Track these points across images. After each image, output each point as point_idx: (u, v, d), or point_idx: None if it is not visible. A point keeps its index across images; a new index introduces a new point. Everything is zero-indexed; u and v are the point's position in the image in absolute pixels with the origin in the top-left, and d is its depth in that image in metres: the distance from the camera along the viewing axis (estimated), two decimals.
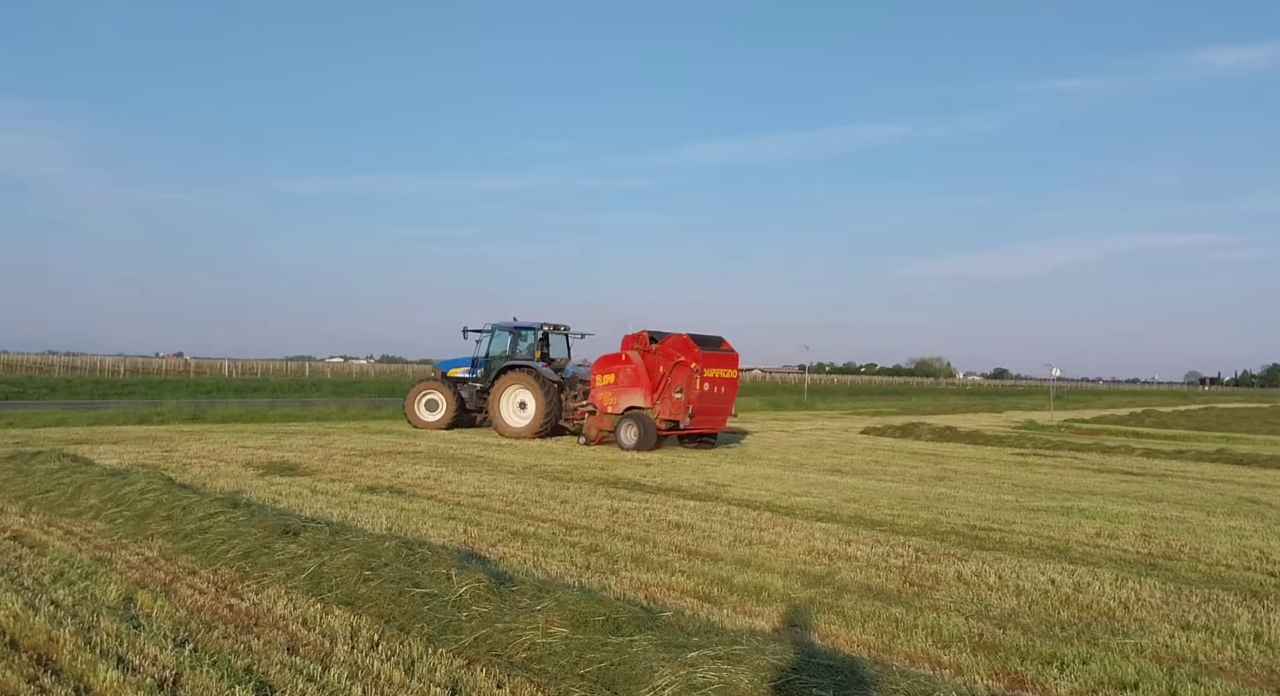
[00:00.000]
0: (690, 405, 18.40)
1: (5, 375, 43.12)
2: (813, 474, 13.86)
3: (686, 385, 18.54)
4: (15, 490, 9.52)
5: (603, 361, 19.75)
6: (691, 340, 18.83)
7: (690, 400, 18.42)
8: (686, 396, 18.49)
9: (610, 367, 19.37)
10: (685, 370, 18.57)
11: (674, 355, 18.79)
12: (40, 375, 44.47)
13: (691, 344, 18.85)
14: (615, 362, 19.41)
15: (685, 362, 18.71)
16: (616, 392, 19.08)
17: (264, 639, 4.92)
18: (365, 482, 11.39)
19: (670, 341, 18.98)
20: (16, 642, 4.75)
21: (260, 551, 6.54)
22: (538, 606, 4.88)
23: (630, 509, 9.61)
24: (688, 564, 6.92)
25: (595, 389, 19.49)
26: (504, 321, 22.28)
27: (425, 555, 5.99)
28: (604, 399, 19.20)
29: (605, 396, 19.17)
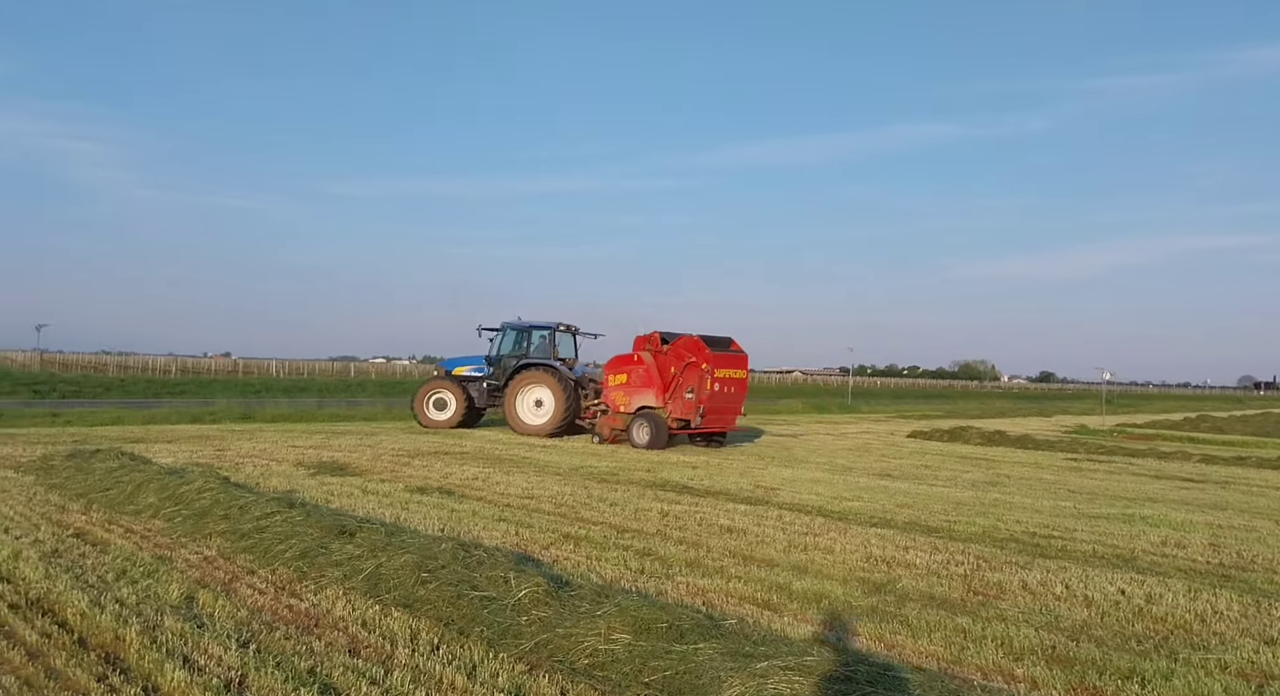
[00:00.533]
0: (701, 405, 18.75)
1: (61, 374, 44.29)
2: (862, 478, 13.64)
3: (698, 385, 18.85)
4: (76, 488, 9.72)
5: (615, 361, 20.06)
6: (702, 341, 19.14)
7: (701, 400, 18.77)
8: (698, 396, 18.83)
9: (623, 368, 19.73)
10: (696, 370, 18.92)
11: (685, 356, 19.15)
12: (95, 374, 45.64)
13: (703, 345, 19.17)
14: (628, 363, 19.78)
15: (696, 363, 19.06)
16: (629, 392, 19.44)
17: (325, 640, 4.92)
18: (415, 483, 11.45)
19: (681, 342, 19.32)
20: (85, 640, 4.81)
21: (317, 552, 6.58)
22: (598, 611, 4.82)
23: (680, 512, 9.52)
24: (743, 569, 6.81)
25: (607, 388, 19.81)
26: (517, 320, 22.28)
27: (482, 557, 5.96)
28: (616, 398, 19.54)
29: (618, 396, 19.51)
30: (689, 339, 19.35)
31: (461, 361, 22.40)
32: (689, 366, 18.97)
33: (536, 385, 20.97)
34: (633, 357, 19.65)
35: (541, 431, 20.49)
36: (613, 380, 19.64)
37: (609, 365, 20.07)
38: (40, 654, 4.55)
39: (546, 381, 20.88)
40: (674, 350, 19.31)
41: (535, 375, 20.99)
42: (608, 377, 19.83)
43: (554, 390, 20.76)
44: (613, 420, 19.38)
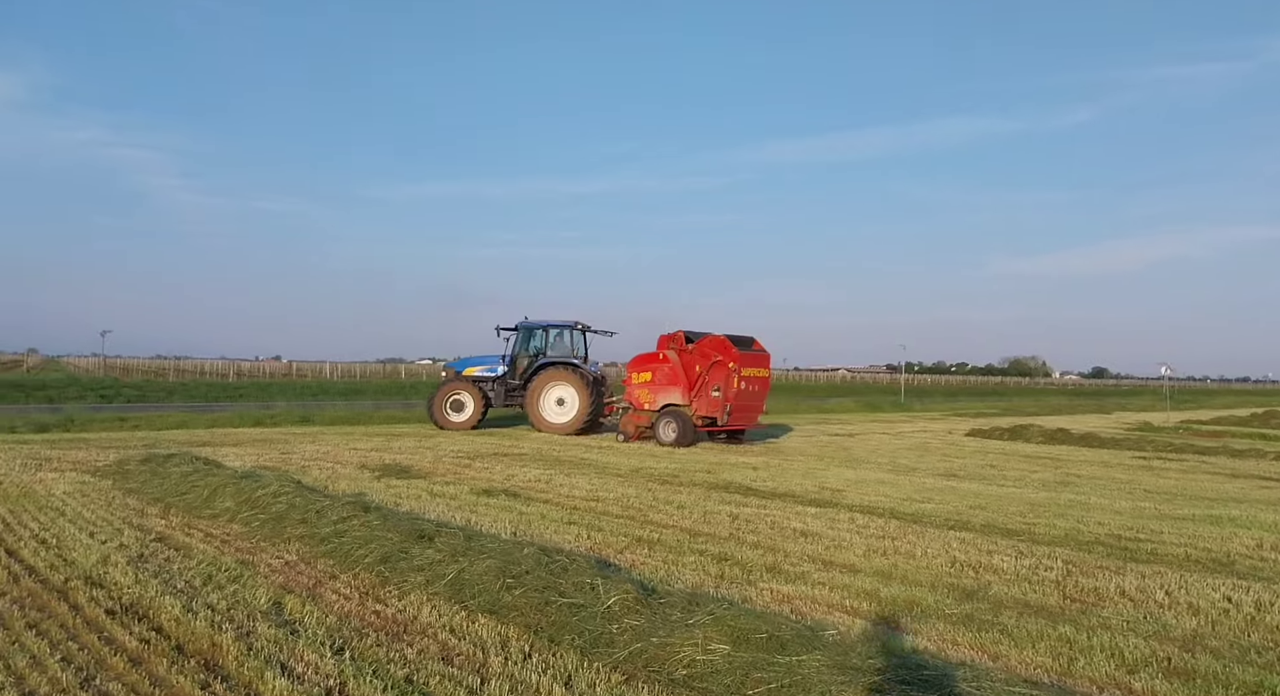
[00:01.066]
0: (729, 403, 19.05)
1: (123, 378, 45.49)
2: (928, 478, 13.36)
3: (725, 383, 19.13)
4: (153, 492, 9.90)
5: (639, 360, 20.17)
6: (729, 340, 19.33)
7: (729, 398, 19.09)
8: (724, 394, 19.12)
9: (647, 366, 19.85)
10: (723, 369, 19.13)
11: (711, 354, 19.38)
12: (156, 379, 46.81)
13: (729, 344, 19.40)
14: (652, 361, 19.91)
15: (723, 362, 19.28)
16: (654, 390, 19.61)
17: (417, 647, 4.90)
18: (479, 485, 11.48)
19: (707, 341, 19.54)
20: (182, 647, 4.84)
21: (398, 556, 6.58)
22: (691, 620, 4.73)
23: (750, 515, 9.39)
24: (825, 575, 6.67)
25: (631, 386, 19.96)
26: (524, 319, 22.19)
27: (565, 563, 5.91)
28: (641, 396, 19.69)
29: (642, 393, 19.67)
30: (715, 338, 19.54)
31: (471, 362, 22.25)
32: (715, 365, 19.17)
33: (558, 383, 21.05)
34: (658, 356, 19.81)
35: (565, 429, 20.63)
36: (637, 378, 19.78)
37: (633, 363, 20.17)
38: (142, 660, 4.59)
39: (569, 379, 21.00)
40: (699, 349, 19.52)
41: (557, 373, 21.08)
42: (631, 376, 19.95)
43: (577, 388, 20.93)
44: (637, 417, 19.61)
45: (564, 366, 21.29)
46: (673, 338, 20.09)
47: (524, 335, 22.17)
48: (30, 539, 7.51)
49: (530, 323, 22.27)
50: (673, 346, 19.83)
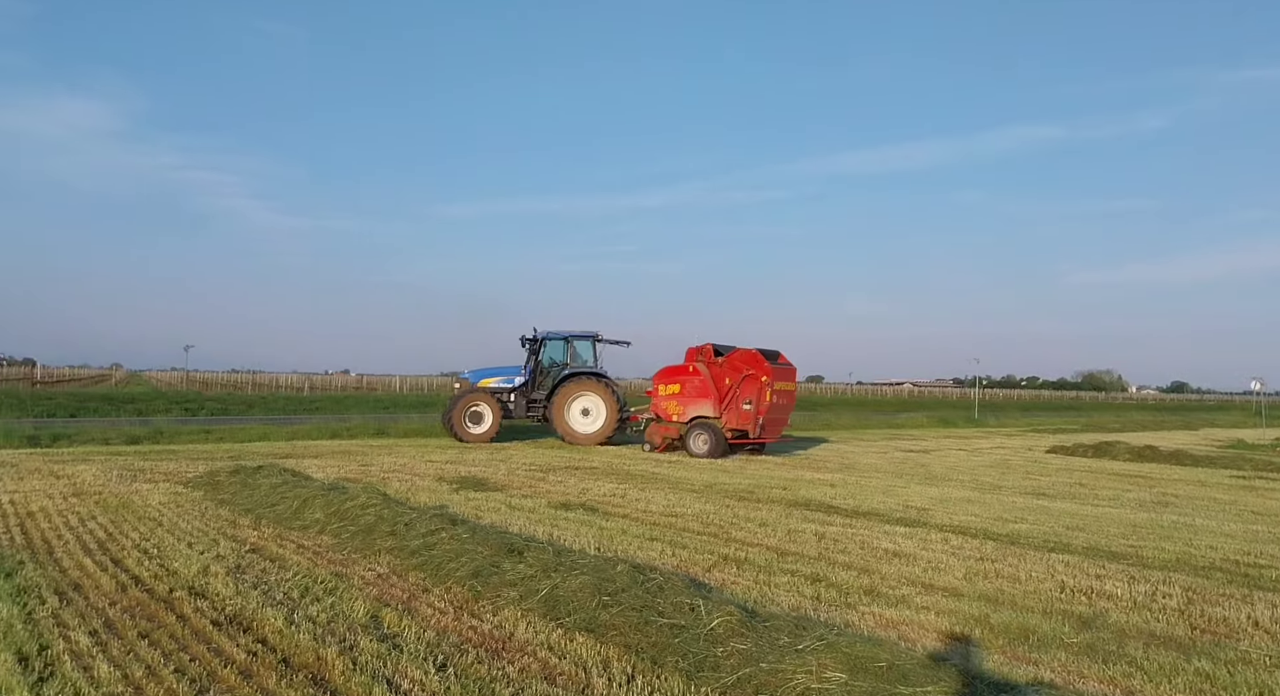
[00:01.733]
0: (761, 416, 19.20)
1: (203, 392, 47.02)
2: (1016, 497, 12.89)
3: (757, 397, 19.26)
4: (244, 503, 10.10)
5: (666, 372, 20.18)
6: (761, 354, 19.45)
7: (761, 411, 19.24)
8: (756, 407, 19.26)
9: (675, 378, 19.92)
10: (756, 382, 19.28)
11: (742, 368, 19.47)
12: (235, 392, 48.29)
13: (761, 358, 19.52)
14: (681, 373, 19.95)
15: (756, 376, 19.40)
16: (683, 402, 19.67)
17: (518, 666, 4.83)
18: (556, 499, 11.45)
19: (739, 355, 19.65)
20: (288, 660, 4.86)
21: (489, 571, 6.55)
22: (800, 645, 4.56)
23: (836, 534, 9.15)
24: (927, 599, 6.42)
25: (658, 398, 20.01)
26: (533, 331, 21.98)
27: (660, 582, 5.79)
28: (669, 408, 19.77)
29: (670, 405, 19.76)
30: (747, 351, 19.68)
31: (487, 373, 21.91)
32: (747, 378, 19.32)
33: (585, 394, 21.01)
34: (686, 368, 19.86)
35: (592, 440, 20.66)
36: (664, 390, 19.89)
37: (660, 375, 20.22)
38: (252, 673, 4.61)
39: (595, 390, 21.01)
40: (729, 362, 19.62)
41: (584, 384, 21.04)
42: (658, 387, 20.05)
43: (604, 398, 21.00)
44: (665, 429, 19.73)
45: (590, 376, 21.29)
46: (700, 350, 20.18)
47: (545, 346, 22.00)
48: (133, 548, 7.70)
49: (549, 333, 22.07)
50: (701, 359, 19.91)
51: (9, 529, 8.51)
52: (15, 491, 10.88)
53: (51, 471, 12.87)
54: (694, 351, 20.26)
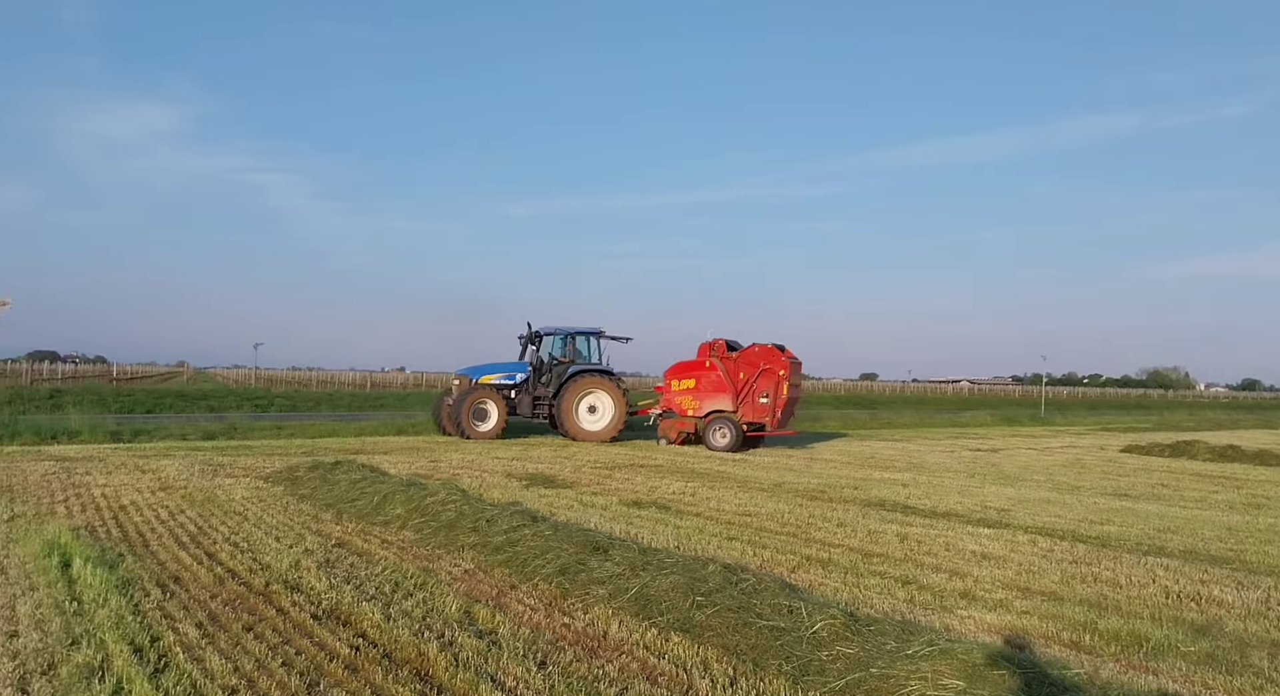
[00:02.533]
0: (778, 409, 19.68)
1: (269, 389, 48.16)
2: (1097, 498, 12.50)
3: (774, 391, 19.67)
4: (324, 499, 10.27)
5: (680, 367, 20.45)
6: (777, 349, 19.92)
7: (778, 405, 19.70)
8: (773, 401, 19.69)
9: (690, 373, 20.21)
10: (773, 376, 19.72)
11: (759, 362, 19.88)
12: (301, 389, 49.40)
13: (778, 352, 19.96)
14: (696, 369, 20.24)
15: (773, 370, 19.81)
16: (698, 397, 19.99)
17: (617, 665, 4.80)
18: (626, 497, 11.43)
19: (755, 350, 20.10)
20: (390, 654, 4.89)
21: (576, 568, 6.53)
22: (909, 651, 4.44)
23: (919, 535, 8.96)
24: (1027, 603, 6.23)
25: (671, 393, 20.24)
26: (560, 326, 21.72)
27: (754, 583, 5.71)
28: (684, 403, 20.08)
29: (685, 400, 20.06)
30: (764, 346, 20.11)
31: (487, 369, 21.35)
32: (764, 372, 19.74)
33: (593, 390, 20.76)
34: (702, 363, 20.14)
35: (601, 437, 20.49)
36: (678, 385, 20.15)
37: (672, 371, 20.43)
38: (357, 667, 4.65)
39: (604, 387, 20.83)
40: (745, 357, 20.06)
41: (592, 381, 20.78)
42: (670, 382, 20.25)
43: (612, 395, 20.80)
44: (681, 424, 20.00)
45: (598, 373, 21.05)
46: (713, 345, 20.44)
47: (550, 342, 21.70)
48: (224, 542, 7.87)
49: (553, 329, 21.59)
50: (714, 354, 20.19)
51: (105, 522, 8.77)
52: (106, 485, 11.23)
53: (137, 466, 13.27)
54: (707, 347, 20.49)
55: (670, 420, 20.15)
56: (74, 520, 8.74)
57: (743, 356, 20.11)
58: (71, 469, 12.73)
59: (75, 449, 15.88)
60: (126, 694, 4.14)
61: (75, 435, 17.22)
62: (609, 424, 20.70)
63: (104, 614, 5.43)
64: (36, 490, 10.71)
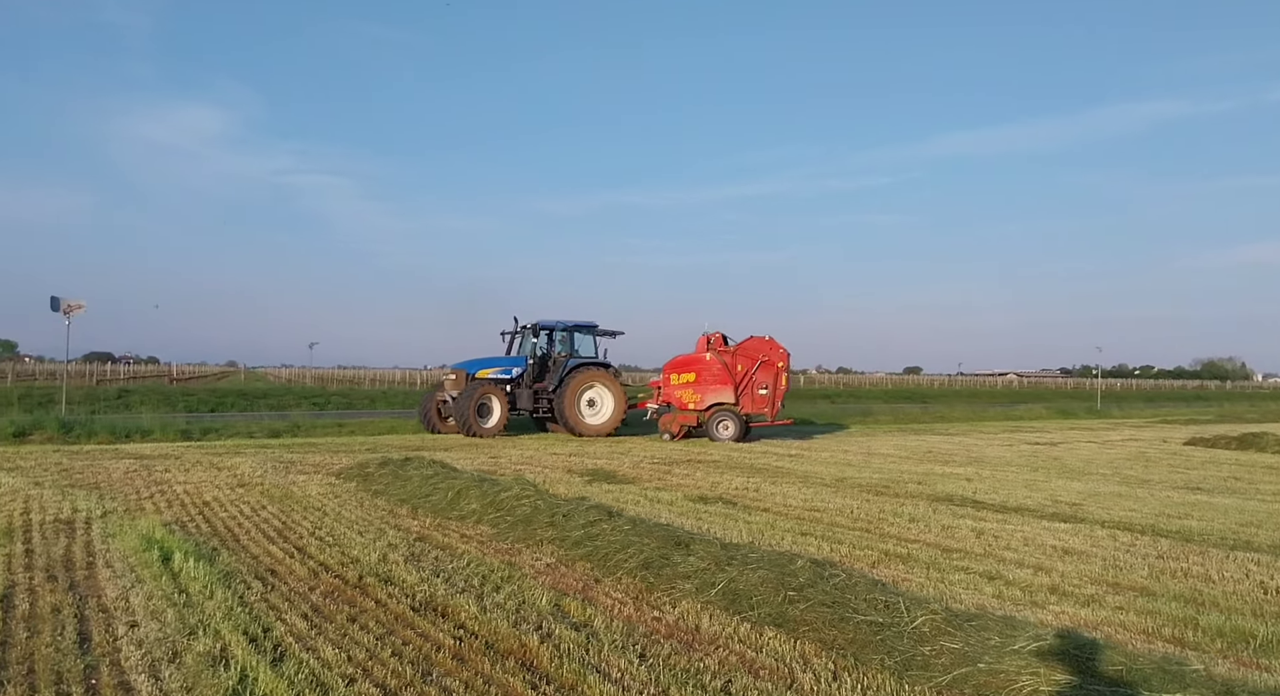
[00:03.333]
0: (777, 400, 20.42)
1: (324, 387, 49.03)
2: (1170, 492, 12.26)
3: (773, 382, 20.38)
4: (398, 494, 10.48)
5: (679, 361, 20.66)
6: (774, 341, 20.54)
7: (777, 396, 20.45)
8: (772, 392, 20.39)
9: (690, 367, 20.47)
10: (772, 368, 20.40)
11: (757, 355, 20.43)
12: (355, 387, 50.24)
13: (776, 344, 20.58)
14: (696, 362, 20.51)
15: (771, 362, 20.46)
16: (699, 390, 20.29)
17: (716, 658, 4.85)
18: (690, 492, 11.48)
19: (753, 343, 20.61)
20: (492, 645, 5.00)
21: (659, 563, 6.60)
22: (1015, 646, 4.42)
23: (994, 530, 8.87)
24: (1119, 598, 6.15)
25: (670, 387, 20.40)
26: (559, 320, 21.44)
27: (844, 579, 5.73)
28: (684, 396, 20.31)
29: (686, 394, 20.30)
30: (761, 339, 20.67)
31: (483, 363, 20.83)
32: (763, 364, 20.35)
33: (593, 384, 20.64)
34: (702, 357, 20.42)
35: (601, 431, 20.44)
36: (677, 378, 20.38)
37: (672, 365, 20.61)
38: (464, 657, 4.77)
39: (604, 380, 20.74)
40: (742, 350, 20.52)
41: (593, 374, 20.66)
42: (669, 376, 20.43)
43: (612, 389, 20.73)
44: (683, 417, 20.20)
45: (597, 367, 20.96)
46: (711, 338, 20.67)
47: (552, 336, 21.42)
48: (309, 536, 8.08)
49: (552, 323, 21.40)
50: (712, 347, 20.48)
51: (192, 517, 9.05)
52: (186, 482, 11.58)
53: (212, 463, 13.65)
54: (705, 340, 20.72)
55: (671, 414, 20.28)
56: (163, 515, 9.03)
57: (741, 349, 20.52)
58: (151, 466, 13.13)
59: (150, 447, 16.38)
60: (252, 681, 4.29)
61: (148, 434, 17.75)
62: (609, 417, 20.65)
63: (212, 605, 5.62)
64: (122, 487, 11.08)
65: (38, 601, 5.74)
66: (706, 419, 20.09)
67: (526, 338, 21.67)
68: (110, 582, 6.26)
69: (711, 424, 20.01)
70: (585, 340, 21.90)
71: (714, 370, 20.18)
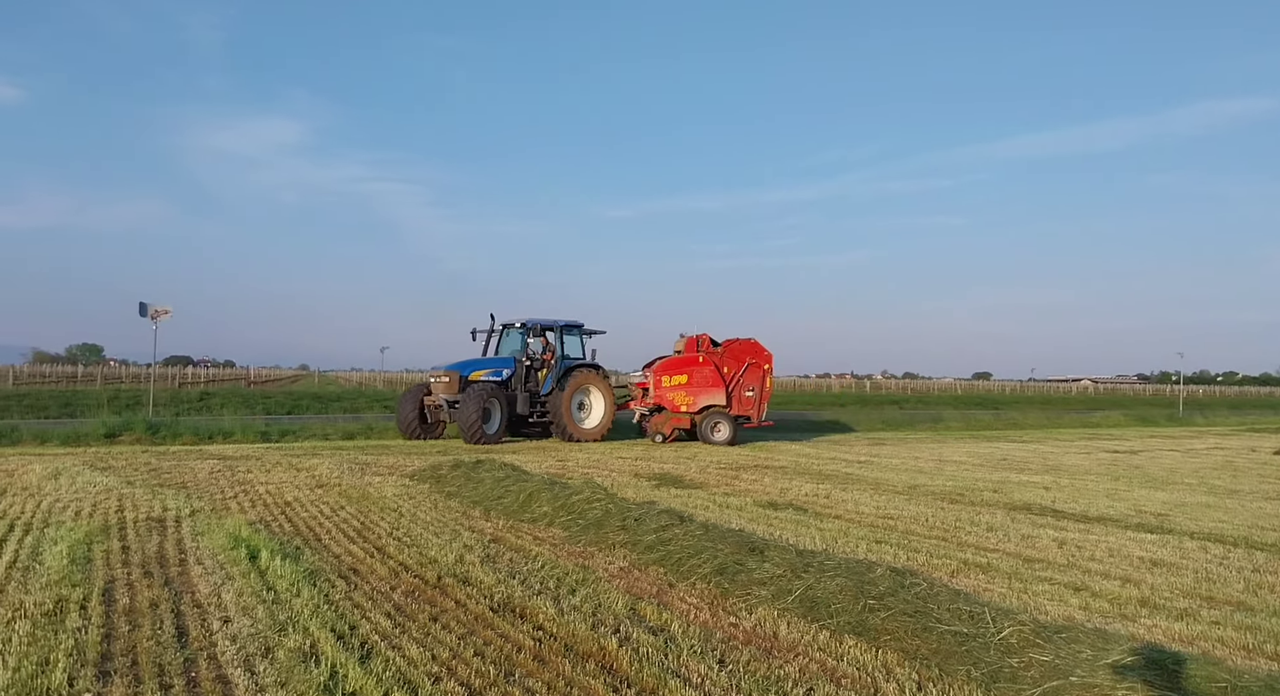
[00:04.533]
0: (763, 403, 20.46)
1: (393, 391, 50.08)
2: (1261, 502, 11.74)
3: (760, 384, 20.40)
4: (470, 496, 10.65)
5: (671, 363, 20.38)
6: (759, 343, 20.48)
7: (764, 398, 20.47)
8: (759, 395, 20.40)
9: (683, 369, 20.20)
10: (759, 371, 20.42)
11: (744, 357, 20.34)
12: None
13: (761, 347, 20.51)
14: (689, 364, 20.26)
15: (759, 363, 20.45)
16: (692, 392, 20.07)
17: (796, 666, 4.81)
18: (760, 498, 11.40)
19: (740, 344, 20.51)
20: (571, 647, 5.05)
21: (734, 569, 6.57)
22: (1109, 659, 4.29)
23: (1077, 540, 8.61)
24: (1215, 613, 5.91)
25: (662, 389, 20.02)
26: (538, 318, 20.34)
27: (925, 588, 5.62)
28: (676, 399, 20.03)
29: (679, 396, 20.04)
30: (748, 341, 20.62)
31: (476, 365, 19.57)
32: (751, 367, 20.32)
33: (587, 387, 20.09)
34: (695, 359, 20.27)
35: (594, 435, 19.94)
36: (669, 381, 20.10)
37: (663, 367, 20.31)
38: (545, 659, 4.82)
39: (595, 383, 20.23)
40: (730, 351, 20.41)
41: (585, 376, 20.06)
42: (660, 378, 20.08)
43: (603, 392, 20.24)
44: (675, 420, 20.01)
45: (589, 369, 20.38)
46: (699, 340, 20.53)
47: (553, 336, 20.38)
48: (387, 536, 8.26)
49: (542, 321, 20.27)
50: (700, 349, 20.36)
51: (275, 517, 9.33)
52: (267, 482, 11.95)
53: (291, 464, 14.06)
54: (694, 341, 20.58)
55: (663, 415, 20.06)
56: (248, 515, 9.34)
57: (728, 351, 20.43)
58: (234, 467, 13.60)
59: (232, 448, 16.96)
60: (342, 677, 4.41)
61: (229, 435, 18.38)
62: (600, 421, 20.01)
63: (300, 603, 5.79)
64: (208, 487, 11.49)
65: (136, 596, 5.99)
66: (699, 421, 20.02)
67: (507, 337, 20.66)
68: (202, 579, 6.50)
69: (705, 426, 19.98)
70: (572, 340, 21.06)
71: (706, 372, 20.13)
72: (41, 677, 4.35)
